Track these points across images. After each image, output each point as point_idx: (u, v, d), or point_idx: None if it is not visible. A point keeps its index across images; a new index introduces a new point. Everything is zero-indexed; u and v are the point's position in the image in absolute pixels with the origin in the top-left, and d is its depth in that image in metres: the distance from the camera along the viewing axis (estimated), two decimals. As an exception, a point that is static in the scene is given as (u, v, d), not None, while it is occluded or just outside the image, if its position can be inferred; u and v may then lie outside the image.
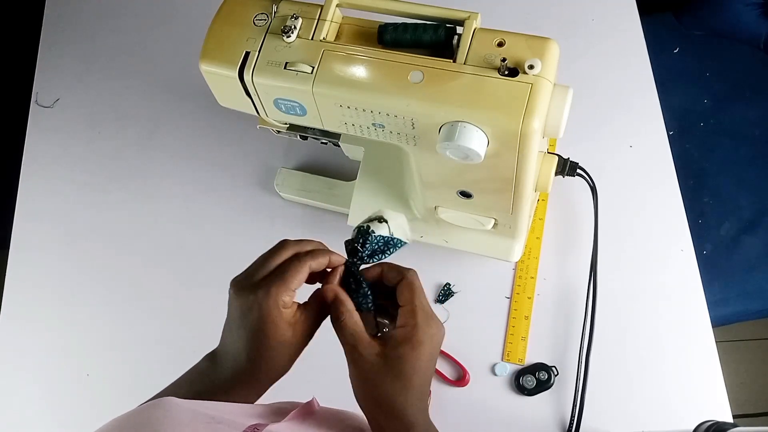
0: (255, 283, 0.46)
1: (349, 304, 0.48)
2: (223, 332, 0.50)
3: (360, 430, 0.54)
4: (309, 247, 0.50)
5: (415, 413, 0.46)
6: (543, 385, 0.78)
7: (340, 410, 0.56)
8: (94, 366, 0.87)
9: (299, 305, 0.48)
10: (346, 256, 0.51)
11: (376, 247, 0.51)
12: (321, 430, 0.49)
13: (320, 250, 0.49)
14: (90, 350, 0.87)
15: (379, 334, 0.50)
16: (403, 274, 0.49)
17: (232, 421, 0.41)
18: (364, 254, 0.51)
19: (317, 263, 0.48)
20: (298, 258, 0.48)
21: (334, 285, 0.49)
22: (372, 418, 0.48)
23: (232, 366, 0.48)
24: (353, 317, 0.48)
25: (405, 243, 0.53)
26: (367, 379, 0.46)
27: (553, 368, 0.79)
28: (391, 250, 0.52)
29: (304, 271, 0.47)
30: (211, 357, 0.50)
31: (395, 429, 0.46)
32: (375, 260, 0.51)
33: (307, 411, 0.49)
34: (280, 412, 0.49)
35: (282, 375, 0.49)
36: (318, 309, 0.49)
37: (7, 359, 0.88)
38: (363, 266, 0.51)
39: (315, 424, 0.49)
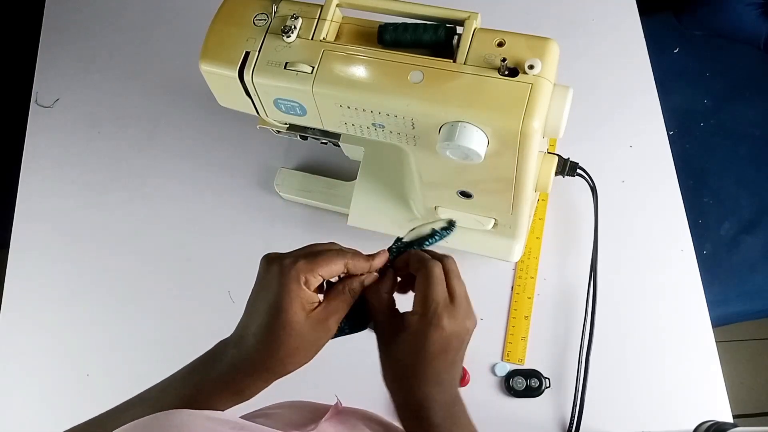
0: (284, 255, 0.46)
1: (384, 284, 0.49)
2: (242, 314, 0.49)
3: (382, 424, 0.54)
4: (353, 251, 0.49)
5: (427, 399, 0.46)
6: (532, 392, 0.78)
7: (359, 408, 0.57)
8: (94, 366, 0.87)
9: (320, 302, 0.47)
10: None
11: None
12: (358, 428, 0.50)
13: (363, 256, 0.48)
14: (90, 350, 0.87)
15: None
16: (425, 264, 0.48)
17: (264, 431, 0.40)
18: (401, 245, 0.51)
19: (354, 264, 0.47)
20: (337, 250, 0.47)
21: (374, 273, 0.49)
22: (391, 392, 0.48)
23: (240, 349, 0.46)
24: (381, 292, 0.48)
25: (447, 233, 0.51)
26: (384, 350, 0.48)
27: (547, 380, 0.79)
28: (431, 240, 0.51)
29: (337, 263, 0.46)
30: (222, 343, 0.49)
31: (407, 407, 0.46)
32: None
33: (337, 411, 0.50)
34: (311, 414, 0.48)
35: (290, 369, 0.46)
36: (338, 304, 0.47)
37: (7, 359, 0.88)
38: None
39: (351, 424, 0.50)
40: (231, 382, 0.46)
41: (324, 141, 0.81)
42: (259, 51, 0.59)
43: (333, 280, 0.49)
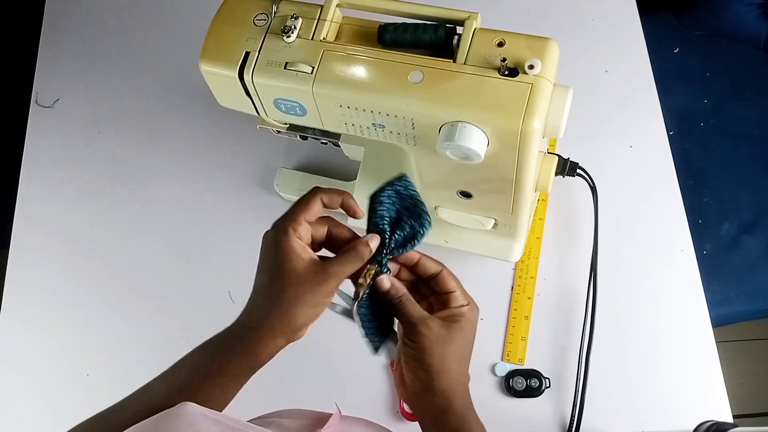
0: (274, 224, 0.50)
1: (404, 289, 0.51)
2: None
3: (381, 428, 0.55)
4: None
5: (458, 387, 0.50)
6: (532, 392, 0.78)
7: (359, 417, 0.57)
8: (94, 366, 0.87)
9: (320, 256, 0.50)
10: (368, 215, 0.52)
11: (405, 235, 0.52)
12: None
13: (335, 189, 0.51)
14: (90, 350, 0.87)
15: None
16: (441, 264, 0.53)
17: None
18: (391, 245, 0.52)
19: (328, 197, 0.51)
20: (311, 191, 0.51)
21: (390, 276, 0.52)
22: (422, 389, 0.49)
23: (248, 308, 0.50)
24: (413, 300, 0.51)
25: (428, 225, 0.53)
26: (432, 348, 0.49)
27: (547, 379, 0.79)
28: (421, 232, 0.52)
29: (314, 204, 0.50)
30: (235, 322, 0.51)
31: (446, 395, 0.49)
32: (407, 249, 0.53)
33: (338, 420, 0.50)
34: (312, 422, 0.49)
35: (296, 324, 0.48)
36: (342, 260, 0.49)
37: (7, 359, 0.88)
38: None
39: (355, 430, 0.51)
40: (242, 343, 0.48)
41: (324, 141, 0.81)
42: (259, 51, 0.59)
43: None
